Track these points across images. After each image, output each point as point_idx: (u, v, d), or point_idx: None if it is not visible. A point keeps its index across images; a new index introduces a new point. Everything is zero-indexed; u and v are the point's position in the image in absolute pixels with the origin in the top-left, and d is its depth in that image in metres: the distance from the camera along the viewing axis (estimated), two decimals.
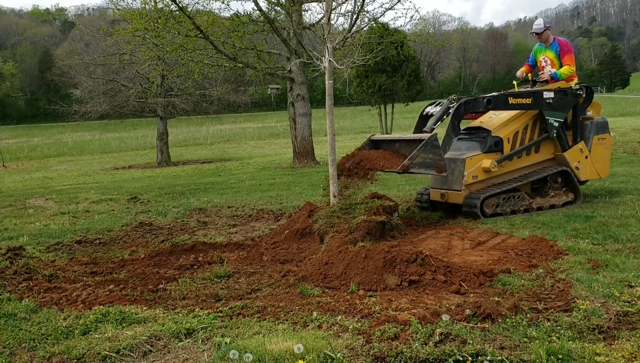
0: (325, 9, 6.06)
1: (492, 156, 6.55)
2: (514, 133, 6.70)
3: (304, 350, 2.70)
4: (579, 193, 6.95)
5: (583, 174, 7.02)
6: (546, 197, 6.80)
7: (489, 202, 6.46)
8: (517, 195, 6.60)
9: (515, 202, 6.57)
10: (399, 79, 28.37)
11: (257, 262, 5.02)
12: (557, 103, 6.77)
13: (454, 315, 3.16)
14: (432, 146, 5.83)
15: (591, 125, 7.09)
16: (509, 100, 6.57)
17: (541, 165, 6.93)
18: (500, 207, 6.50)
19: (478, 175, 6.50)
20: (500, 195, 6.52)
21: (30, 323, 3.46)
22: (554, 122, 6.77)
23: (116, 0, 17.17)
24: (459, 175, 6.51)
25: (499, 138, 6.60)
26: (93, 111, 22.38)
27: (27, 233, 6.89)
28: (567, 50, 7.17)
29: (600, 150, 7.11)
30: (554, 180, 6.93)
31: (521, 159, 6.80)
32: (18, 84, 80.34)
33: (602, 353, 2.66)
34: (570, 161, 6.90)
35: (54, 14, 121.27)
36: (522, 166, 6.81)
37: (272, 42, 16.67)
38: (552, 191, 6.86)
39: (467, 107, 6.39)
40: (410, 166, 5.72)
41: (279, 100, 59.12)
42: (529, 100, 6.66)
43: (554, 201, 6.78)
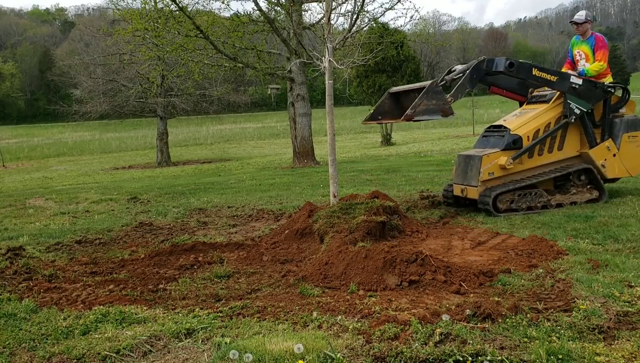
0: (325, 9, 6.06)
1: (511, 154, 6.61)
2: (534, 131, 6.72)
3: (304, 350, 2.70)
4: (603, 191, 6.91)
5: (610, 172, 6.96)
6: (567, 194, 6.80)
7: (503, 198, 6.52)
8: (534, 191, 6.63)
9: (532, 199, 6.61)
10: (399, 79, 28.42)
11: (257, 262, 5.02)
12: (584, 92, 6.74)
13: (454, 315, 3.16)
14: (434, 92, 5.97)
15: (621, 122, 7.02)
16: (533, 70, 6.58)
17: (565, 162, 6.91)
18: (516, 203, 6.55)
19: (494, 171, 6.59)
20: (515, 192, 6.57)
21: (30, 323, 3.46)
22: (575, 108, 6.73)
23: (116, 0, 17.17)
24: (476, 171, 6.63)
25: (518, 136, 6.66)
26: (93, 111, 22.39)
27: (27, 233, 6.89)
28: (602, 46, 7.06)
29: (631, 148, 7.03)
30: (577, 178, 6.89)
31: (543, 156, 6.81)
32: (18, 84, 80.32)
33: (602, 353, 2.66)
34: (596, 159, 6.85)
35: (54, 14, 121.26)
36: (544, 163, 6.82)
37: (272, 42, 16.67)
38: (574, 188, 6.83)
39: (489, 65, 6.49)
40: (414, 114, 5.84)
41: (279, 100, 59.11)
42: (554, 78, 6.67)
43: (576, 198, 6.78)
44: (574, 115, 6.76)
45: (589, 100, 6.80)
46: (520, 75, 6.70)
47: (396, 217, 5.61)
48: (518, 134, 6.68)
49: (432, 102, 5.92)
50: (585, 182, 6.92)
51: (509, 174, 6.67)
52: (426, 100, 5.94)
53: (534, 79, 6.69)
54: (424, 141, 27.75)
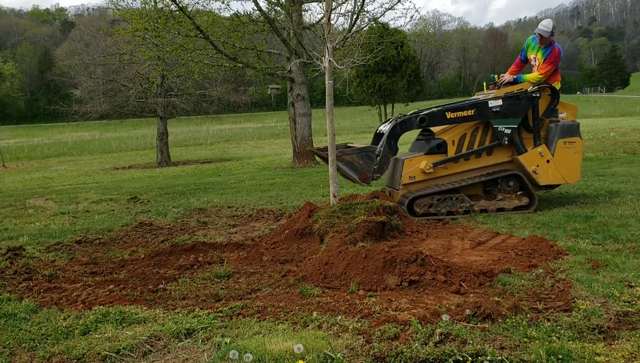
0: (325, 9, 6.06)
1: (434, 158, 6.60)
2: (460, 135, 6.66)
3: (304, 350, 2.70)
4: (534, 198, 6.73)
5: (543, 178, 6.77)
6: (493, 200, 6.70)
7: (420, 202, 6.54)
8: (455, 196, 6.58)
9: (453, 204, 6.56)
10: (399, 79, 28.42)
11: (257, 262, 5.01)
12: (508, 110, 6.61)
13: (454, 315, 3.16)
14: (368, 156, 6.25)
15: (556, 128, 6.82)
16: (446, 115, 6.54)
17: (496, 167, 6.79)
18: (435, 208, 6.54)
19: (416, 175, 6.60)
20: (434, 196, 6.55)
21: (30, 323, 3.46)
22: (505, 130, 6.63)
23: (116, 0, 17.16)
24: (399, 175, 6.65)
25: (442, 140, 6.64)
26: (93, 111, 22.38)
27: (27, 233, 6.89)
28: (552, 61, 6.84)
29: (567, 154, 6.79)
30: (506, 184, 6.78)
31: (470, 162, 6.73)
32: (18, 84, 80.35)
33: (602, 353, 2.66)
34: (527, 165, 6.68)
35: (53, 14, 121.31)
36: (472, 168, 6.74)
37: (272, 42, 16.67)
38: (500, 194, 6.73)
39: (402, 127, 6.55)
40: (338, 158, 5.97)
41: (279, 100, 59.13)
42: (472, 112, 6.58)
43: (503, 204, 6.68)
44: (505, 137, 6.65)
45: (516, 114, 6.65)
46: (436, 123, 6.66)
47: (396, 217, 5.61)
48: (442, 138, 6.63)
49: (359, 161, 6.03)
50: (514, 188, 6.79)
51: (433, 178, 6.62)
52: (357, 156, 6.09)
53: (451, 122, 6.61)
54: None
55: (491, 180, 6.79)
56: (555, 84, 6.97)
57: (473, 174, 6.76)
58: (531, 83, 6.84)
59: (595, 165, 11.32)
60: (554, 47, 6.95)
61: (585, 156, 13.23)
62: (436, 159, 6.60)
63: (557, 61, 6.92)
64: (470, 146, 6.72)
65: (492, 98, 6.66)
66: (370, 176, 6.28)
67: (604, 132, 20.84)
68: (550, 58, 6.85)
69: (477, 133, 6.73)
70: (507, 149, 6.81)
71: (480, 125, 6.72)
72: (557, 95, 6.95)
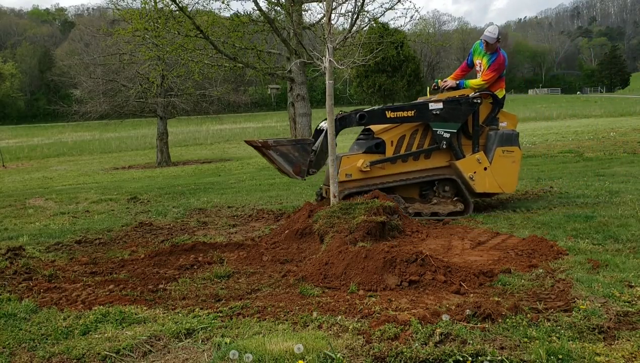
0: (326, 9, 6.05)
1: (372, 157, 6.55)
2: (399, 136, 6.63)
3: (304, 350, 2.70)
4: (469, 204, 6.70)
5: (480, 186, 6.73)
6: (428, 204, 6.67)
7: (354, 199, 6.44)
8: (390, 196, 6.38)
9: None
10: (399, 79, 28.44)
11: (257, 262, 5.01)
12: (448, 113, 6.59)
13: (454, 315, 3.15)
14: (303, 148, 6.17)
15: (495, 136, 6.79)
16: (386, 114, 6.49)
17: (433, 171, 6.76)
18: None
19: (352, 173, 6.54)
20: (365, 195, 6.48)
21: (30, 323, 3.46)
22: (443, 133, 6.61)
23: (116, 0, 17.15)
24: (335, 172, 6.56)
25: (381, 140, 6.61)
26: (93, 111, 22.37)
27: (27, 233, 6.89)
28: (496, 68, 6.82)
29: (505, 163, 6.76)
30: (442, 188, 6.75)
31: (407, 164, 6.70)
32: (18, 84, 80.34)
33: (602, 353, 2.66)
34: (464, 171, 6.65)
35: (53, 14, 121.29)
36: (409, 170, 6.71)
37: (272, 42, 16.67)
38: (436, 198, 6.71)
39: (342, 123, 6.46)
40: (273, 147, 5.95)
41: (279, 100, 59.13)
42: (411, 113, 6.55)
43: (437, 209, 6.66)
44: (444, 141, 6.63)
45: (456, 119, 6.63)
46: (376, 122, 6.61)
47: (396, 217, 5.61)
48: (381, 137, 6.59)
49: (295, 153, 5.95)
50: (450, 193, 6.76)
51: (370, 178, 6.56)
52: (292, 147, 6.02)
53: (391, 122, 6.57)
54: None
55: (428, 183, 6.76)
56: (498, 91, 6.93)
57: (410, 176, 6.72)
58: (473, 89, 6.81)
59: (595, 165, 11.32)
60: (499, 54, 6.91)
61: (585, 156, 13.25)
62: (374, 158, 6.56)
63: (501, 68, 6.90)
64: (408, 148, 6.69)
65: (433, 100, 6.64)
66: (305, 169, 6.20)
67: (604, 132, 20.84)
68: (494, 65, 6.82)
69: (416, 135, 6.69)
70: (445, 154, 6.77)
71: (420, 127, 6.69)
72: (498, 104, 6.91)
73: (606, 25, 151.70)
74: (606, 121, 30.50)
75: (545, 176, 9.92)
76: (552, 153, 14.76)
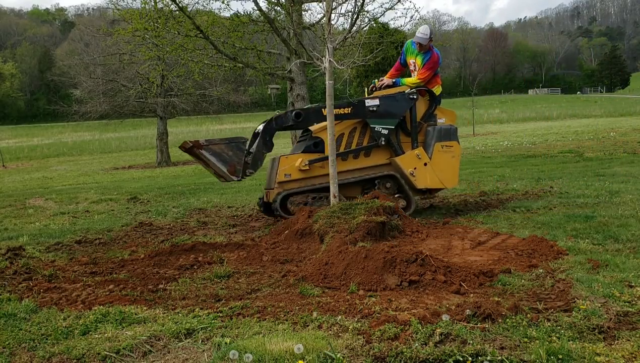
0: (326, 9, 6.06)
1: (311, 156, 6.48)
2: (338, 134, 6.50)
3: (304, 350, 2.70)
4: (411, 201, 6.70)
5: (420, 182, 6.72)
6: None
7: (295, 200, 6.44)
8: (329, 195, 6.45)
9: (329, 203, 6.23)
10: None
11: (257, 262, 5.01)
12: (385, 110, 6.56)
13: (454, 315, 3.15)
14: (237, 147, 6.05)
15: (434, 131, 6.79)
16: (322, 111, 6.39)
17: (374, 169, 6.70)
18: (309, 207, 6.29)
19: (292, 173, 6.45)
20: (309, 194, 6.44)
21: (30, 323, 3.46)
22: (381, 130, 6.56)
23: (116, 0, 17.16)
24: (274, 173, 6.52)
25: (319, 138, 6.53)
26: (93, 111, 22.39)
27: (27, 233, 6.89)
28: (431, 67, 6.82)
29: (445, 158, 6.77)
30: (383, 185, 6.69)
31: (347, 162, 6.63)
32: (18, 84, 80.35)
33: (602, 353, 2.66)
34: (404, 167, 6.63)
35: (53, 14, 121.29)
36: (350, 169, 6.64)
37: (272, 42, 16.65)
38: None
39: (278, 122, 6.44)
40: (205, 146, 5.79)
41: (279, 100, 59.06)
42: (348, 110, 6.50)
43: None
44: (382, 137, 6.58)
45: (393, 115, 6.60)
46: (312, 120, 6.55)
47: (396, 217, 5.61)
48: (319, 136, 6.52)
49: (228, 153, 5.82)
50: (392, 190, 6.70)
51: (310, 177, 6.49)
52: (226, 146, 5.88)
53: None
54: None
55: (369, 181, 6.71)
56: (435, 88, 6.94)
57: (351, 175, 6.66)
58: (410, 87, 6.79)
59: (595, 165, 11.32)
60: (433, 52, 6.91)
61: (585, 156, 13.26)
62: (313, 157, 6.48)
63: (435, 66, 6.91)
64: (347, 146, 6.64)
65: (369, 97, 6.63)
66: (240, 169, 6.07)
67: (604, 132, 20.85)
68: (429, 64, 6.82)
69: (355, 133, 6.64)
70: (385, 151, 6.73)
71: (359, 125, 6.65)
72: (435, 100, 6.90)
73: (606, 25, 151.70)
74: (606, 121, 30.50)
75: (545, 176, 9.92)
76: (552, 153, 14.77)
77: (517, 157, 14.57)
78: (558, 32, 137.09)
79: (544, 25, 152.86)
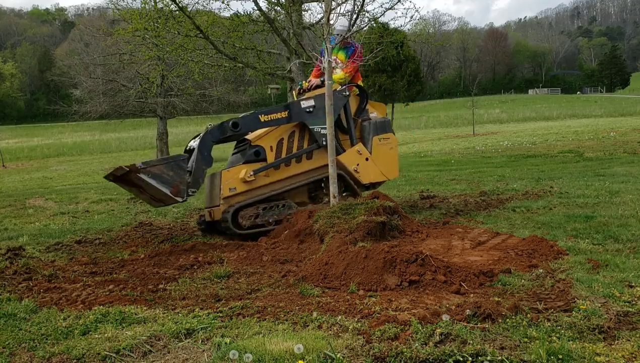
0: (325, 9, 6.06)
1: (254, 166, 6.21)
2: (277, 140, 6.36)
3: (304, 350, 2.70)
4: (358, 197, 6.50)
5: (365, 177, 6.66)
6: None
7: (245, 213, 6.10)
8: (281, 204, 6.27)
9: (280, 212, 6.21)
10: (399, 79, 28.43)
11: (257, 262, 5.01)
12: (321, 109, 6.28)
13: (454, 315, 3.15)
14: (177, 165, 5.62)
15: (370, 125, 6.74)
16: (260, 118, 6.22)
17: (318, 171, 6.50)
18: (261, 218, 6.15)
19: (236, 186, 6.12)
20: (259, 205, 6.17)
21: (30, 323, 3.46)
22: (321, 130, 6.36)
23: (116, 0, 17.17)
24: (217, 189, 6.16)
25: (260, 147, 6.29)
26: (93, 111, 22.40)
27: (27, 233, 6.89)
28: (356, 59, 6.73)
29: (384, 151, 6.75)
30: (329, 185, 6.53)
31: (291, 167, 6.43)
32: (18, 84, 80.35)
33: (602, 353, 2.66)
34: (348, 164, 6.55)
35: (53, 13, 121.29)
36: (294, 173, 6.44)
37: (272, 42, 16.65)
38: (327, 197, 6.38)
39: (214, 134, 6.11)
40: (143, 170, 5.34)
41: (279, 100, 59.06)
42: (285, 114, 6.32)
43: None
44: (323, 138, 6.35)
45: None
46: (251, 128, 6.30)
47: (396, 217, 5.61)
48: (259, 144, 6.29)
49: (169, 173, 5.46)
50: (339, 190, 6.42)
51: (255, 189, 6.22)
52: (165, 166, 5.52)
53: (266, 125, 6.29)
54: (423, 141, 27.75)
55: (315, 183, 6.54)
56: (359, 83, 6.89)
57: (296, 180, 6.47)
58: (339, 83, 6.65)
59: (595, 165, 11.32)
60: (355, 45, 6.85)
61: (585, 156, 13.26)
62: (256, 167, 6.21)
63: (359, 58, 6.84)
64: (289, 150, 6.43)
65: (304, 99, 6.49)
66: (184, 189, 5.66)
67: (604, 132, 20.85)
68: (353, 56, 6.74)
69: (294, 137, 6.46)
70: (326, 151, 6.36)
71: (297, 128, 6.47)
72: (366, 94, 6.88)
73: (606, 25, 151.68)
74: (606, 121, 30.50)
75: (545, 176, 9.92)
76: (552, 153, 14.77)
77: (517, 157, 14.57)
78: (558, 32, 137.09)
79: (544, 25, 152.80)
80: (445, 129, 38.43)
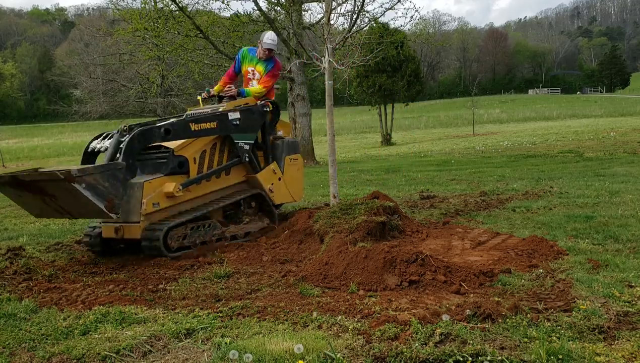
0: (325, 9, 6.06)
1: (177, 179, 5.48)
2: (200, 152, 5.77)
3: (304, 350, 2.70)
4: (274, 217, 6.33)
5: (278, 197, 6.43)
6: (241, 224, 6.04)
7: (175, 233, 5.35)
8: (207, 223, 5.67)
9: (206, 232, 5.63)
10: (399, 79, 28.42)
11: (257, 262, 5.02)
12: (245, 123, 6.03)
13: (454, 315, 3.15)
14: (113, 175, 4.72)
15: (283, 144, 6.55)
16: (190, 126, 5.56)
17: (233, 188, 6.14)
18: (189, 239, 5.47)
19: (160, 202, 5.32)
20: (188, 225, 5.46)
21: (30, 323, 3.46)
22: (244, 145, 6.04)
23: (116, 0, 17.17)
24: (136, 203, 5.22)
25: (184, 157, 5.59)
26: (93, 111, 22.43)
27: (27, 233, 6.89)
28: (274, 75, 6.59)
29: (292, 171, 6.59)
30: (248, 205, 6.21)
31: (210, 183, 5.89)
32: (18, 84, 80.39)
33: (602, 353, 2.66)
34: (264, 183, 6.25)
35: (53, 14, 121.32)
36: (213, 190, 5.92)
37: None
38: (247, 217, 6.14)
39: (143, 139, 5.22)
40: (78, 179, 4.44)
41: (278, 100, 59.02)
42: (214, 125, 5.77)
43: (250, 228, 6.07)
44: (245, 154, 6.05)
45: (252, 130, 6.15)
46: (182, 136, 5.55)
47: (396, 217, 5.61)
48: (183, 155, 5.59)
49: (104, 184, 4.61)
50: (256, 209, 6.30)
51: (175, 205, 5.49)
52: (101, 176, 4.62)
53: (197, 135, 5.66)
54: (424, 141, 27.78)
55: (233, 203, 6.06)
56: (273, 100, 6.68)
57: (216, 196, 5.96)
58: (255, 97, 6.41)
59: (595, 165, 11.32)
60: (276, 60, 6.70)
61: (585, 156, 13.26)
62: (183, 180, 5.54)
63: (278, 73, 6.75)
64: (210, 165, 5.88)
65: (230, 110, 6.01)
66: (118, 204, 4.76)
67: (604, 132, 20.86)
68: (273, 71, 6.57)
69: (215, 149, 5.95)
70: (242, 168, 6.21)
71: (218, 140, 5.95)
72: (278, 111, 6.61)
73: (606, 25, 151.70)
74: (606, 121, 30.51)
75: (545, 176, 9.92)
76: (552, 153, 14.77)
77: (517, 157, 14.57)
78: (558, 32, 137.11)
79: (544, 25, 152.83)
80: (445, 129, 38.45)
